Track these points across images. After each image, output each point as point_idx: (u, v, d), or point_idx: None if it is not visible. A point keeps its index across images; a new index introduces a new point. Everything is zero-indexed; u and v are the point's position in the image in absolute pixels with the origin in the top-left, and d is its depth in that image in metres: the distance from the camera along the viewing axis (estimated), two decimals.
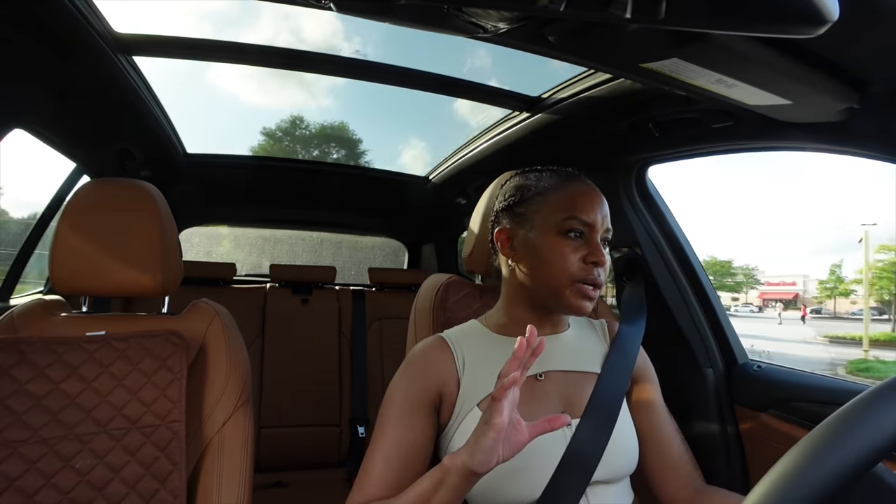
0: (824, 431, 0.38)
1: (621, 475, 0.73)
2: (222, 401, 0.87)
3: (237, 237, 2.91)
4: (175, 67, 1.92)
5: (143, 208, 0.89)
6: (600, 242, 0.72)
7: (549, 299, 0.74)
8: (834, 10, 0.44)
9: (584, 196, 0.74)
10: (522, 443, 0.56)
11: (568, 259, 0.71)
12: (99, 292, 0.89)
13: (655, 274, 1.26)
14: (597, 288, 0.71)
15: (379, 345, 2.09)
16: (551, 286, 0.72)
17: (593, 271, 0.70)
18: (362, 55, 1.20)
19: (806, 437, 0.39)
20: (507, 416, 0.54)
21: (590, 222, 0.72)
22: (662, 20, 0.47)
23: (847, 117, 0.74)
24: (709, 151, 1.11)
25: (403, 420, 0.71)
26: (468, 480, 0.56)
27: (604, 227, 0.73)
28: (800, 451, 0.38)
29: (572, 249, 0.71)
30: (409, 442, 0.69)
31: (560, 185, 0.76)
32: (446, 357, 0.76)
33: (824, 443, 0.37)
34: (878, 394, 0.39)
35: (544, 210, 0.74)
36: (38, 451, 0.75)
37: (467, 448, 0.55)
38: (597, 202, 0.74)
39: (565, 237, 0.72)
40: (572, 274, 0.70)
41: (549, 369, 0.75)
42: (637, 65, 0.67)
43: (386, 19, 0.55)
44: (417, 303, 1.00)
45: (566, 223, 0.72)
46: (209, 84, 18.89)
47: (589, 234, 0.72)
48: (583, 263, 0.71)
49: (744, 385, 1.15)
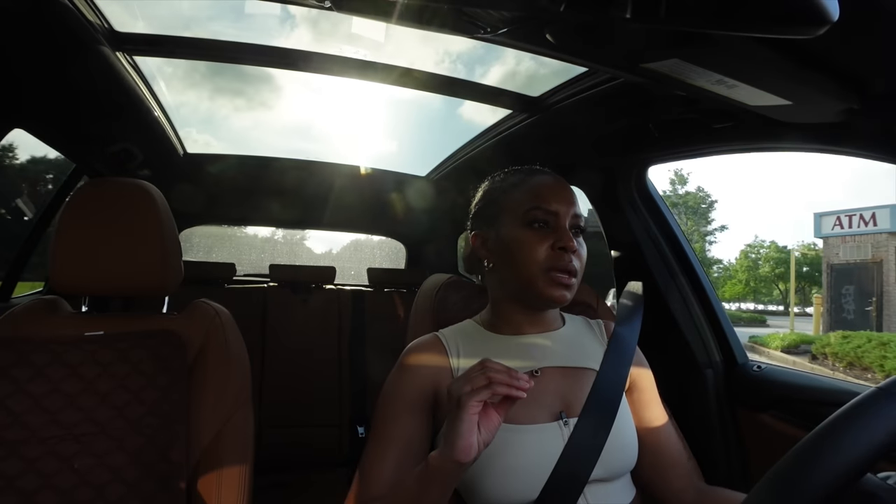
0: (822, 433, 0.38)
1: (620, 473, 0.73)
2: (222, 401, 0.87)
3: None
4: (175, 67, 1.91)
5: (143, 208, 0.89)
6: (570, 230, 0.73)
7: (526, 292, 0.74)
8: (834, 11, 0.44)
9: (544, 186, 0.75)
10: (497, 423, 0.56)
11: (535, 249, 0.71)
12: (99, 292, 0.88)
13: (655, 274, 1.26)
14: (570, 275, 0.71)
15: (379, 345, 2.09)
16: (524, 278, 0.72)
17: (563, 257, 0.71)
18: (362, 55, 1.20)
19: (805, 438, 0.39)
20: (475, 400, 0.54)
21: (553, 210, 0.73)
22: (663, 21, 0.47)
23: (847, 118, 0.74)
24: (709, 152, 1.11)
25: (399, 418, 0.71)
26: (454, 473, 0.56)
27: (570, 214, 0.73)
28: (798, 452, 0.38)
29: (539, 239, 0.72)
30: (405, 440, 0.69)
31: (522, 181, 0.77)
32: (440, 355, 0.76)
33: (822, 444, 0.37)
34: (874, 396, 0.39)
35: (509, 207, 0.76)
36: (38, 452, 0.75)
37: (446, 439, 0.56)
38: (560, 191, 0.75)
39: (531, 228, 0.73)
40: (541, 262, 0.71)
41: (544, 365, 0.75)
42: (637, 65, 0.67)
43: (385, 19, 0.55)
44: (417, 303, 1.00)
45: (530, 214, 0.73)
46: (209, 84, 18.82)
47: (555, 222, 0.73)
48: (551, 251, 0.71)
49: (744, 386, 1.15)
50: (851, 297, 11.55)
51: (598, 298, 1.12)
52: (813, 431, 0.39)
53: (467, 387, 0.54)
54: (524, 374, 0.55)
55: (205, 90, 3.36)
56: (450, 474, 0.56)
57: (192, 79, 2.55)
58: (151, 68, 1.26)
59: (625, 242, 1.34)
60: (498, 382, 0.53)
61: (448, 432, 0.55)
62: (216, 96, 3.75)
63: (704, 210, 23.56)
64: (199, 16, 1.44)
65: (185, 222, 2.33)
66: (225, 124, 13.98)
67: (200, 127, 8.45)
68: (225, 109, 14.08)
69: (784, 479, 0.37)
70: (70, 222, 0.86)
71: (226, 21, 1.25)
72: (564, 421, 0.71)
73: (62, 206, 1.41)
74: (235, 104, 5.94)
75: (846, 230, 11.93)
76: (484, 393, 0.54)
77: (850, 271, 11.65)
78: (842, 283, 11.78)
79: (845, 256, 11.88)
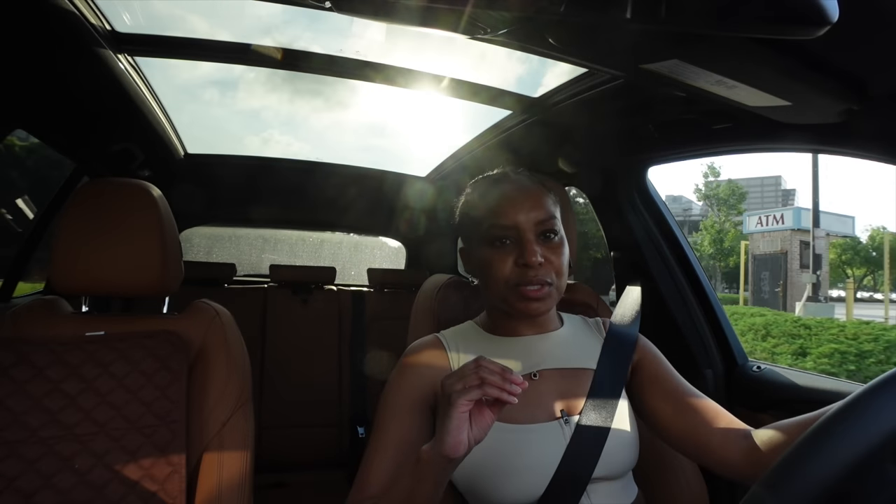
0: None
1: (621, 472, 0.72)
2: (222, 401, 0.87)
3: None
4: (175, 68, 1.91)
5: (143, 208, 0.89)
6: (539, 238, 0.71)
7: (502, 307, 0.74)
8: (833, 12, 0.44)
9: (500, 200, 0.72)
10: (489, 421, 0.56)
11: (499, 268, 0.70)
12: (99, 292, 0.88)
13: (655, 274, 1.26)
14: (542, 286, 0.70)
15: (379, 345, 2.09)
16: (496, 295, 0.72)
17: (527, 273, 0.69)
18: (362, 55, 1.20)
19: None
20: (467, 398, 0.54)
21: (510, 224, 0.70)
22: (663, 21, 0.47)
23: (847, 119, 0.74)
24: (708, 152, 1.11)
25: (399, 419, 0.71)
26: (445, 469, 0.56)
27: (532, 222, 0.70)
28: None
29: (503, 257, 0.71)
30: (405, 441, 0.69)
31: (482, 196, 0.76)
32: (441, 356, 0.76)
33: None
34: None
35: (473, 225, 0.75)
36: (37, 452, 0.75)
37: (437, 435, 0.56)
38: (518, 200, 0.72)
39: (494, 247, 0.72)
40: (507, 280, 0.70)
41: (543, 368, 0.75)
42: (637, 66, 0.67)
43: (385, 19, 0.55)
44: (417, 303, 1.00)
45: (489, 232, 0.72)
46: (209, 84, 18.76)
47: (516, 236, 0.71)
48: (516, 267, 0.70)
49: (744, 386, 1.15)
50: (767, 281, 14.55)
51: (598, 299, 1.12)
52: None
53: (459, 384, 0.54)
54: (519, 376, 0.55)
55: (285, 93, 3.34)
56: (440, 469, 0.56)
57: (272, 82, 2.55)
58: (152, 68, 1.26)
59: (625, 243, 1.34)
60: (490, 384, 0.53)
61: (438, 427, 0.56)
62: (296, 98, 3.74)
63: (735, 202, 24.53)
64: (198, 16, 1.44)
65: (186, 222, 2.33)
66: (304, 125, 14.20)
67: (283, 129, 8.63)
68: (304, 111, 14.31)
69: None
70: (70, 222, 0.86)
71: (226, 21, 1.25)
72: (565, 420, 0.71)
73: (63, 207, 1.41)
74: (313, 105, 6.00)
75: (764, 227, 15.23)
76: (474, 393, 0.53)
77: (767, 261, 14.78)
78: (760, 270, 14.90)
79: (764, 248, 15.02)
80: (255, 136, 5.81)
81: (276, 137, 6.93)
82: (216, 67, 1.19)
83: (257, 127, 4.98)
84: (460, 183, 1.95)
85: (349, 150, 2.40)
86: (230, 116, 29.37)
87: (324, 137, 7.08)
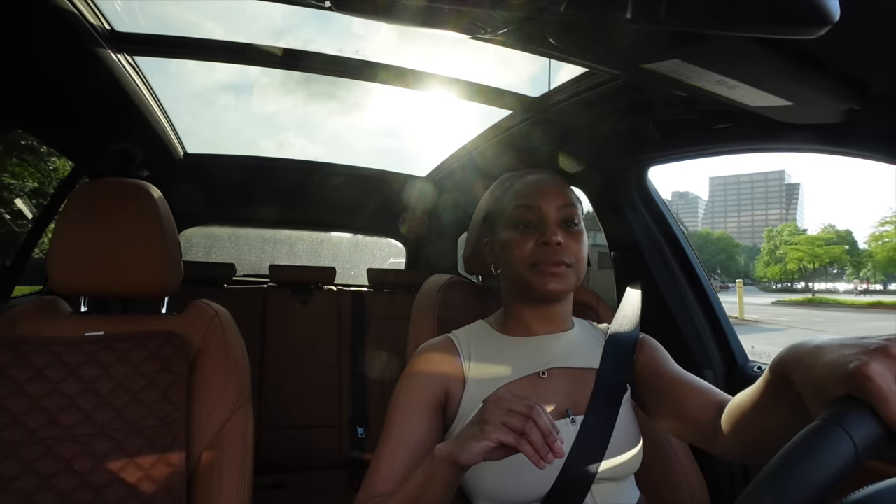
0: None
1: (625, 473, 0.73)
2: (222, 402, 0.87)
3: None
4: (175, 67, 1.91)
5: (143, 208, 0.89)
6: (560, 225, 0.74)
7: (524, 289, 0.76)
8: (834, 11, 0.44)
9: (528, 186, 0.77)
10: (509, 454, 0.53)
11: (522, 247, 0.74)
12: (98, 292, 0.88)
13: (655, 275, 1.26)
14: (558, 265, 0.72)
15: (378, 345, 2.08)
16: (517, 275, 0.75)
17: (547, 251, 0.72)
18: (362, 55, 1.20)
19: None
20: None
21: (534, 206, 0.75)
22: (663, 21, 0.47)
23: (848, 118, 0.74)
24: (709, 152, 1.10)
25: (409, 418, 0.71)
26: (455, 472, 0.55)
27: (556, 207, 0.75)
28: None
29: (524, 237, 0.74)
30: (415, 440, 0.69)
31: (510, 185, 0.80)
32: (452, 356, 0.76)
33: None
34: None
35: (501, 212, 0.79)
36: (37, 452, 0.75)
37: (458, 441, 0.54)
38: (545, 186, 0.76)
39: (517, 229, 0.75)
40: (527, 258, 0.73)
41: (552, 366, 0.76)
42: (637, 66, 0.67)
43: (385, 19, 0.55)
44: (417, 303, 1.00)
45: (514, 214, 0.76)
46: (209, 84, 18.93)
47: (539, 219, 0.74)
48: (536, 247, 0.73)
49: (744, 387, 1.14)
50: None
51: (597, 299, 1.12)
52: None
53: (500, 418, 0.51)
54: (562, 447, 0.51)
55: (300, 96, 3.36)
56: (451, 469, 0.55)
57: (287, 87, 2.56)
58: (152, 68, 1.26)
59: (625, 243, 1.34)
60: (530, 442, 0.50)
61: (463, 437, 0.54)
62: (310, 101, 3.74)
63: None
64: (198, 16, 1.44)
65: (185, 222, 2.33)
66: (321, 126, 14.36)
67: (297, 131, 8.59)
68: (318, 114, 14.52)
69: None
70: (70, 222, 0.86)
71: (226, 21, 1.25)
72: (572, 419, 0.72)
73: (62, 206, 1.41)
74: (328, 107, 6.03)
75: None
76: (511, 438, 0.50)
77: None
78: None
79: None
80: (270, 139, 5.85)
81: (292, 140, 6.94)
82: (231, 73, 1.18)
83: (271, 130, 4.96)
84: (461, 183, 1.95)
85: (362, 153, 2.39)
86: (245, 120, 29.49)
87: (338, 139, 7.14)
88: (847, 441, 0.35)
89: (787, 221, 54.58)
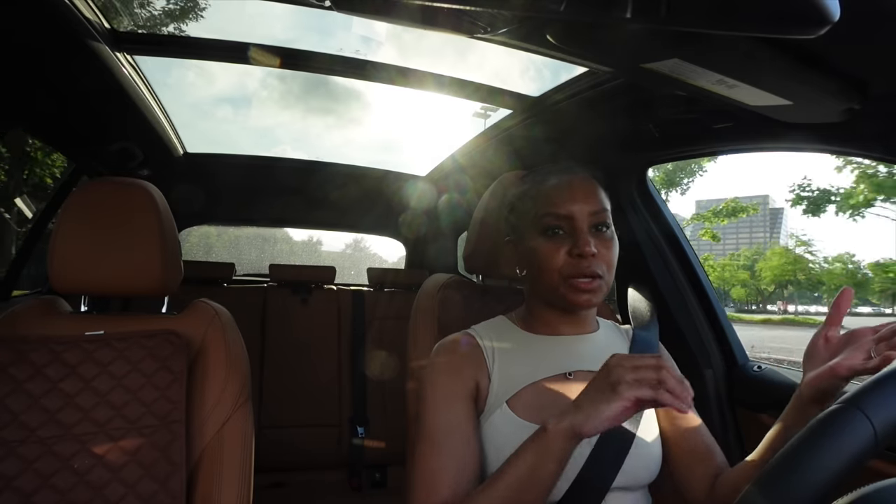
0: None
1: (641, 483, 0.71)
2: (222, 401, 0.87)
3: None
4: (175, 67, 1.92)
5: (143, 208, 0.89)
6: (591, 230, 0.71)
7: (552, 299, 0.73)
8: (834, 11, 0.44)
9: (556, 190, 0.72)
10: (628, 417, 0.53)
11: (553, 258, 0.70)
12: (98, 292, 0.88)
13: (655, 274, 1.25)
14: (593, 279, 0.69)
15: (379, 345, 2.09)
16: (547, 286, 0.72)
17: (581, 263, 0.69)
18: (362, 55, 1.20)
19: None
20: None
21: (565, 214, 0.70)
22: (663, 21, 0.47)
23: (848, 118, 0.74)
24: (709, 152, 1.11)
25: (446, 411, 0.69)
26: (572, 446, 0.54)
27: (586, 213, 0.70)
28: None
29: (555, 247, 0.70)
30: (456, 430, 0.67)
31: (537, 185, 0.75)
32: (477, 351, 0.74)
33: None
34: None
35: (528, 215, 0.74)
36: (36, 451, 0.75)
37: (580, 411, 0.53)
38: (573, 190, 0.72)
39: (547, 236, 0.71)
40: (559, 270, 0.70)
41: (577, 368, 0.74)
42: (637, 65, 0.67)
43: (385, 19, 0.55)
44: (418, 303, 1.00)
45: (543, 221, 0.71)
46: (207, 96, 18.88)
47: (569, 226, 0.70)
48: (569, 258, 0.69)
49: (744, 386, 1.14)
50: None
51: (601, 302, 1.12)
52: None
53: (631, 375, 0.51)
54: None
55: (298, 111, 3.37)
56: (567, 442, 0.54)
57: (286, 101, 2.56)
58: (152, 68, 1.26)
59: (625, 243, 1.33)
60: (669, 390, 0.49)
61: (587, 405, 0.53)
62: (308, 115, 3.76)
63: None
64: (199, 16, 1.44)
65: (185, 222, 2.33)
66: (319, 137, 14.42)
67: (295, 145, 8.54)
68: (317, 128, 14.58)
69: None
70: (69, 222, 0.86)
71: (226, 20, 1.25)
72: None
73: (62, 206, 1.41)
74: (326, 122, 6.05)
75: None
76: (647, 392, 0.50)
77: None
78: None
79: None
80: (267, 151, 5.89)
81: (289, 154, 7.04)
82: (229, 84, 1.18)
83: (268, 143, 4.98)
84: (460, 182, 1.95)
85: (360, 164, 2.37)
86: (241, 132, 29.37)
87: (335, 154, 7.13)
88: (866, 424, 0.35)
89: (769, 246, 55.12)
